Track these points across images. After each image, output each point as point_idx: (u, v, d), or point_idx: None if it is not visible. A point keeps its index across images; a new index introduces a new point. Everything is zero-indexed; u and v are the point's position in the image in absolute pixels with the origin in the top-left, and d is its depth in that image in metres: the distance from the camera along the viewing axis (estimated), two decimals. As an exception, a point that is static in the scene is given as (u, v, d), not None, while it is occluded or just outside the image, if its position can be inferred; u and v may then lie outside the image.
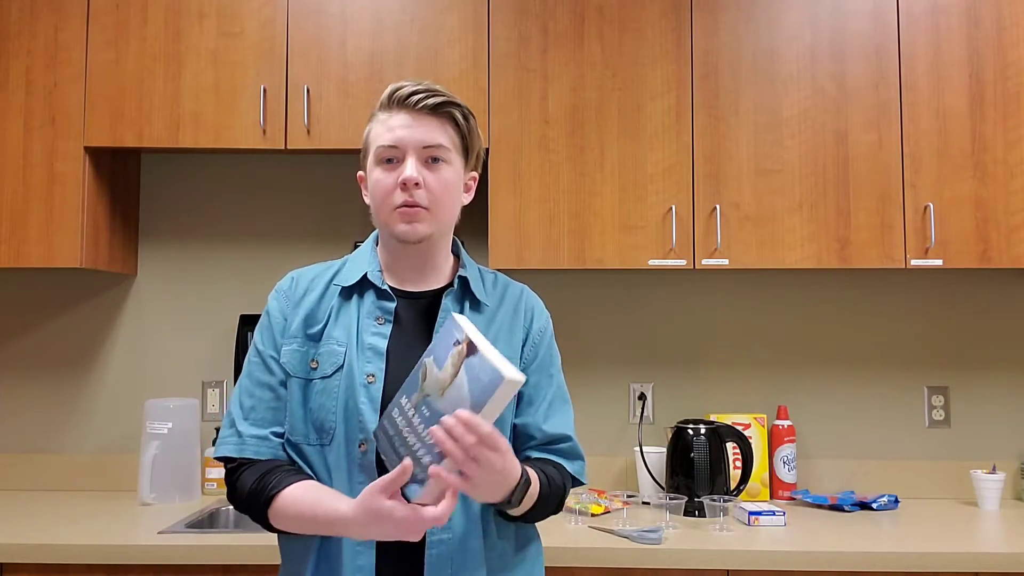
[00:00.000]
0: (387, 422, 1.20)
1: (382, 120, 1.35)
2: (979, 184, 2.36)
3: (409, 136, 1.32)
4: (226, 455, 1.34)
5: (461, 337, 1.14)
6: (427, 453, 1.12)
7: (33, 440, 2.71)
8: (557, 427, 1.41)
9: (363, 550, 1.27)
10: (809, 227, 2.37)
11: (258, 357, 1.38)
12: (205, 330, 2.74)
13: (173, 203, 2.77)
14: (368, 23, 2.42)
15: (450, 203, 1.37)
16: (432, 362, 1.17)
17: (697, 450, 2.36)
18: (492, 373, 1.08)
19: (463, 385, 1.11)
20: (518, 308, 1.43)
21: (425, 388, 1.16)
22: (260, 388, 1.36)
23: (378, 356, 1.32)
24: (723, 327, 2.72)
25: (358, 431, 1.29)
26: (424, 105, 1.33)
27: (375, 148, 1.35)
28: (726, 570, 1.98)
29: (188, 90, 2.41)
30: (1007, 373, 2.68)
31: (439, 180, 1.33)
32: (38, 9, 2.42)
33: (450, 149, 1.35)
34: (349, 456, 1.29)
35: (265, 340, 1.39)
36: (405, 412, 1.17)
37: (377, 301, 1.37)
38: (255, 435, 1.34)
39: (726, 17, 2.41)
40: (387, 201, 1.33)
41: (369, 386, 1.30)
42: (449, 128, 1.35)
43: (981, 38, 2.39)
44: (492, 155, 2.39)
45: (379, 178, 1.34)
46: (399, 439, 1.17)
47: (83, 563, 2.00)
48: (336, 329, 1.35)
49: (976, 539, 2.10)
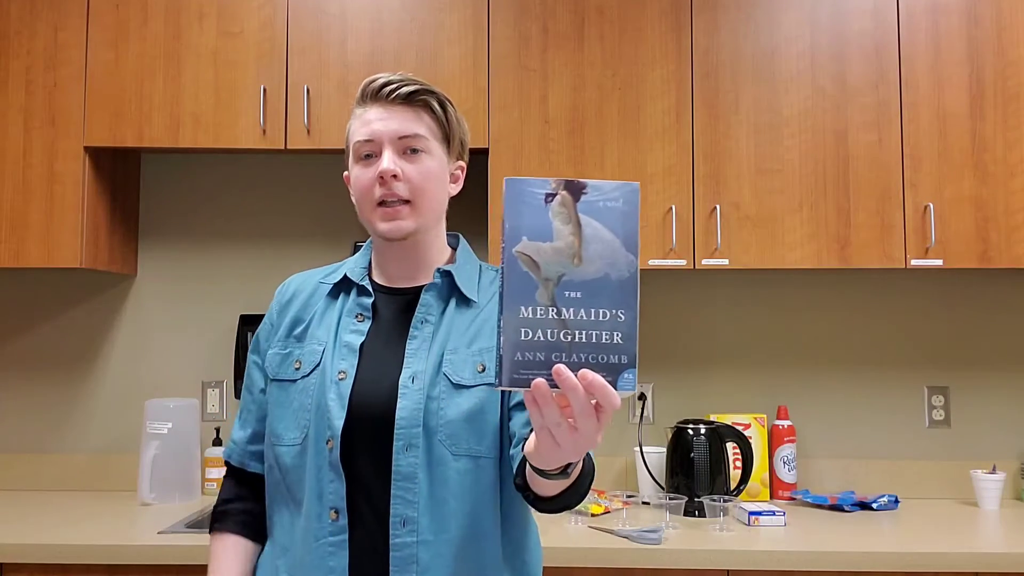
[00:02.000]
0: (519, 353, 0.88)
1: (358, 115, 1.33)
2: (979, 184, 2.36)
3: (384, 128, 1.29)
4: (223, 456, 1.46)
5: (552, 187, 0.90)
6: (593, 344, 0.88)
7: (33, 440, 2.71)
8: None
9: (335, 551, 1.25)
10: (809, 227, 2.37)
11: (250, 360, 1.44)
12: (205, 330, 2.74)
13: (173, 203, 2.77)
14: (368, 23, 2.42)
15: (433, 193, 1.32)
16: (530, 243, 0.89)
17: (697, 450, 2.36)
18: (623, 189, 0.89)
19: (597, 230, 0.89)
20: None
21: (546, 272, 0.89)
22: (247, 393, 1.42)
23: (352, 353, 1.30)
24: (723, 327, 2.72)
25: (326, 428, 1.27)
26: (397, 95, 1.29)
27: (352, 144, 1.32)
28: (726, 570, 1.98)
29: (188, 90, 2.41)
30: (1007, 373, 2.68)
31: (419, 170, 1.30)
32: (38, 9, 2.42)
33: (428, 138, 1.31)
34: (319, 454, 1.27)
35: (253, 346, 1.43)
36: (542, 319, 0.88)
37: (357, 298, 1.35)
38: (233, 439, 1.43)
39: (726, 17, 2.41)
40: (367, 197, 1.30)
41: (339, 383, 1.28)
42: (426, 116, 1.31)
43: (981, 38, 2.39)
44: (492, 155, 2.39)
45: (358, 175, 1.31)
46: (548, 349, 0.88)
47: (83, 563, 2.00)
48: (319, 329, 1.35)
49: (976, 539, 2.10)
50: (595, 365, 0.88)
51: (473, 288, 1.35)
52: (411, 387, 1.26)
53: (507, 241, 0.90)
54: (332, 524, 1.25)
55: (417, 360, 1.28)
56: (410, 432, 1.24)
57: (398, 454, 1.24)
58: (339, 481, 1.25)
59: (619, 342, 0.88)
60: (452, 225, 1.44)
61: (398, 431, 1.25)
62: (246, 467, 1.41)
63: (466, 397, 1.27)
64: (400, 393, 1.26)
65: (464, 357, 1.29)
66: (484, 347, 1.31)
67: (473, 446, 1.26)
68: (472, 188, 2.52)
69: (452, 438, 1.26)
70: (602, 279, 0.89)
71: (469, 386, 1.28)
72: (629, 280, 0.89)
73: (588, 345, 0.88)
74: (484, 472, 1.27)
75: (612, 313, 0.89)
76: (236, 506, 1.40)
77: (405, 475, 1.24)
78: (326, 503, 1.25)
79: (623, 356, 0.88)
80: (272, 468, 1.34)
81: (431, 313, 1.32)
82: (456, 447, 1.26)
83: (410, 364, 1.28)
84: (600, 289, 0.89)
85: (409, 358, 1.29)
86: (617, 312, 0.89)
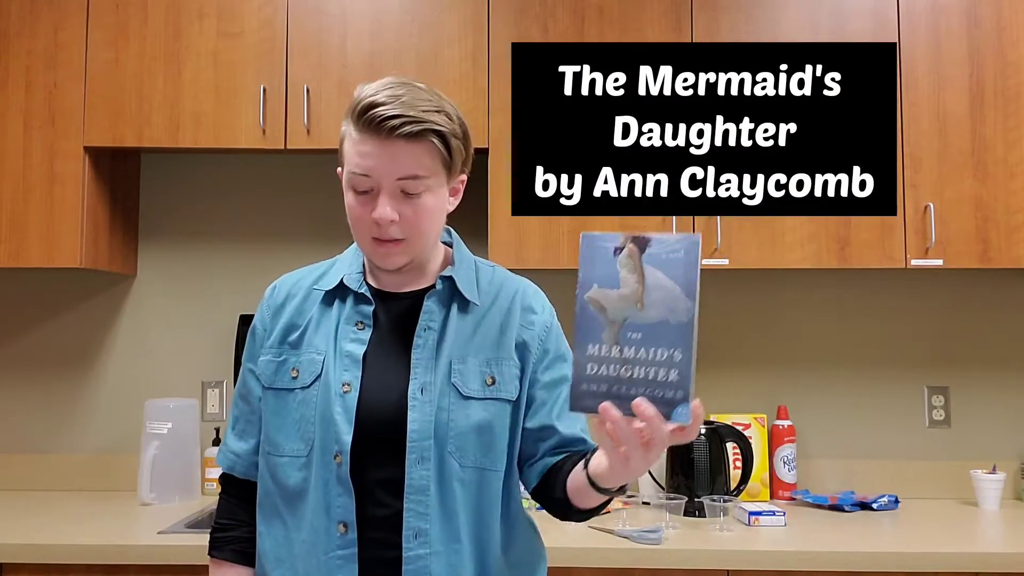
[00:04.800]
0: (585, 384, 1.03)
1: (353, 139, 1.23)
2: (979, 184, 2.36)
3: (381, 168, 1.21)
4: (220, 465, 1.41)
5: (620, 242, 1.02)
6: (650, 380, 1.01)
7: (33, 440, 2.71)
8: (571, 428, 1.33)
9: (343, 564, 1.24)
10: (809, 227, 2.36)
11: (243, 367, 1.39)
12: (205, 330, 2.74)
13: (173, 203, 2.77)
14: (368, 23, 2.42)
15: (430, 228, 1.27)
16: (599, 290, 1.03)
17: (697, 450, 2.36)
18: (685, 242, 0.99)
19: (659, 279, 1.00)
20: (512, 308, 1.35)
21: (612, 316, 1.02)
22: (241, 400, 1.39)
23: (355, 364, 1.27)
24: (723, 327, 2.72)
25: (333, 442, 1.24)
26: (398, 134, 1.19)
27: (347, 169, 1.25)
28: (726, 570, 1.98)
29: (188, 90, 2.41)
30: (1007, 373, 2.68)
31: (416, 211, 1.24)
32: (38, 9, 2.42)
33: (428, 177, 1.23)
34: (326, 468, 1.24)
35: (246, 352, 1.39)
36: (605, 356, 1.02)
37: (356, 305, 1.31)
38: (234, 451, 1.38)
39: (726, 17, 2.41)
40: (361, 230, 1.26)
41: (344, 396, 1.25)
42: (426, 156, 1.22)
43: (981, 38, 2.39)
44: (492, 155, 2.39)
45: (352, 205, 1.26)
46: (616, 383, 1.01)
47: (83, 563, 2.00)
48: (316, 336, 1.30)
49: (976, 539, 2.10)
50: (651, 398, 0.99)
51: (473, 290, 1.34)
52: (420, 398, 1.25)
53: (580, 288, 1.04)
54: (340, 538, 1.23)
55: (424, 370, 1.27)
56: (422, 444, 1.24)
57: (411, 467, 1.23)
58: (348, 495, 1.23)
59: (674, 379, 0.98)
60: (452, 225, 1.43)
61: (411, 444, 1.24)
62: (253, 478, 1.36)
63: (475, 409, 1.27)
64: (410, 405, 1.25)
65: (472, 368, 1.28)
66: (491, 357, 1.30)
67: (479, 458, 1.27)
68: (472, 188, 2.51)
69: (461, 450, 1.26)
70: (661, 323, 0.99)
71: (478, 398, 1.28)
72: (687, 324, 0.99)
73: (645, 381, 1.00)
74: (489, 485, 1.28)
75: (669, 353, 0.99)
76: (237, 533, 1.37)
77: (418, 488, 1.23)
78: (334, 517, 1.24)
79: (678, 391, 0.98)
80: (264, 477, 1.32)
81: (433, 319, 1.30)
82: (464, 459, 1.26)
83: (417, 374, 1.26)
84: (659, 331, 0.99)
85: (416, 368, 1.27)
86: (674, 352, 0.99)
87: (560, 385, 1.34)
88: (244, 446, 1.37)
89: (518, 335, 1.33)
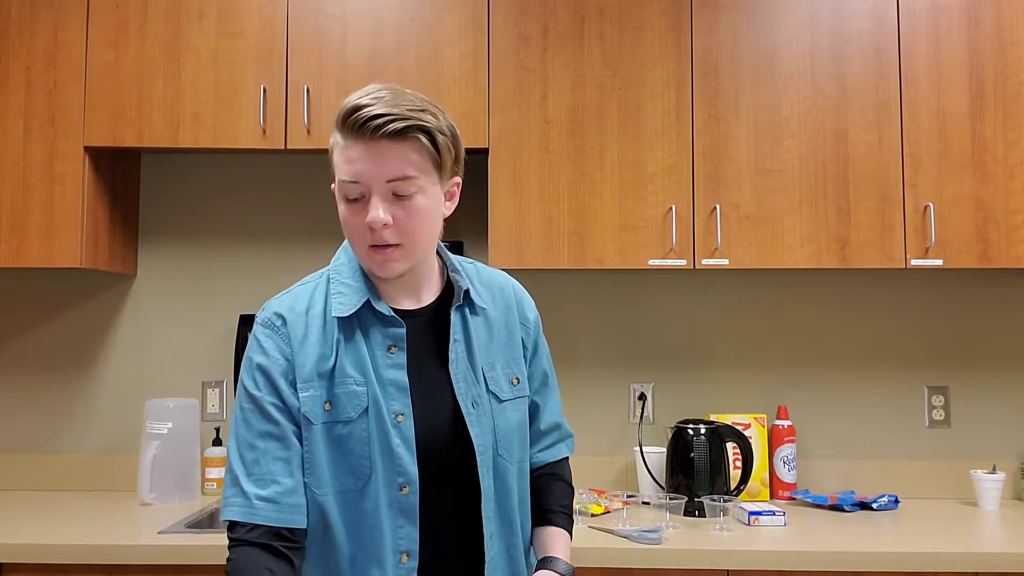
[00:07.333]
0: None
1: (340, 147, 1.22)
2: (979, 184, 2.36)
3: (369, 171, 1.19)
4: (233, 519, 1.21)
5: None
6: None
7: (33, 440, 2.71)
8: (554, 414, 1.45)
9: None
10: (809, 227, 2.37)
11: (252, 404, 1.25)
12: (205, 330, 2.74)
13: (173, 203, 2.77)
14: (368, 23, 2.42)
15: (425, 230, 1.25)
16: None
17: (697, 450, 2.36)
18: None
19: None
20: (510, 305, 1.40)
21: None
22: (263, 439, 1.23)
23: (402, 392, 1.25)
24: (723, 327, 2.72)
25: (396, 474, 1.23)
26: (383, 133, 1.18)
27: (337, 179, 1.24)
28: (726, 570, 1.98)
29: (188, 90, 2.41)
30: (1007, 373, 2.68)
31: (410, 214, 1.22)
32: (38, 9, 2.42)
33: (418, 176, 1.21)
34: (390, 500, 1.23)
35: (261, 385, 1.25)
36: None
37: (384, 329, 1.28)
38: (262, 496, 1.21)
39: (726, 17, 2.41)
40: (357, 239, 1.24)
41: (400, 425, 1.24)
42: (414, 153, 1.20)
43: (981, 38, 2.39)
44: (492, 155, 2.39)
45: (345, 216, 1.24)
46: None
47: (83, 563, 2.00)
48: (348, 366, 1.25)
49: (976, 539, 2.10)
50: None
51: (480, 296, 1.38)
52: (475, 412, 1.29)
53: None
54: (400, 567, 1.24)
55: (466, 383, 1.30)
56: (486, 455, 1.29)
57: (483, 478, 1.27)
58: (412, 525, 1.24)
59: None
60: (452, 226, 1.44)
61: (481, 458, 1.27)
62: (292, 524, 1.22)
63: (511, 410, 1.34)
64: (468, 421, 1.28)
65: (500, 372, 1.35)
66: (510, 358, 1.37)
67: (518, 453, 1.35)
68: (472, 188, 2.52)
69: (508, 451, 1.32)
70: None
71: (510, 399, 1.34)
72: None
73: None
74: (524, 475, 1.38)
75: None
76: None
77: (488, 495, 1.28)
78: (396, 548, 1.23)
79: None
80: (314, 517, 1.25)
81: (456, 331, 1.33)
82: (511, 458, 1.33)
83: (461, 389, 1.29)
84: None
85: (458, 383, 1.30)
86: None
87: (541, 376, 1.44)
88: (276, 488, 1.22)
89: (522, 328, 1.41)
